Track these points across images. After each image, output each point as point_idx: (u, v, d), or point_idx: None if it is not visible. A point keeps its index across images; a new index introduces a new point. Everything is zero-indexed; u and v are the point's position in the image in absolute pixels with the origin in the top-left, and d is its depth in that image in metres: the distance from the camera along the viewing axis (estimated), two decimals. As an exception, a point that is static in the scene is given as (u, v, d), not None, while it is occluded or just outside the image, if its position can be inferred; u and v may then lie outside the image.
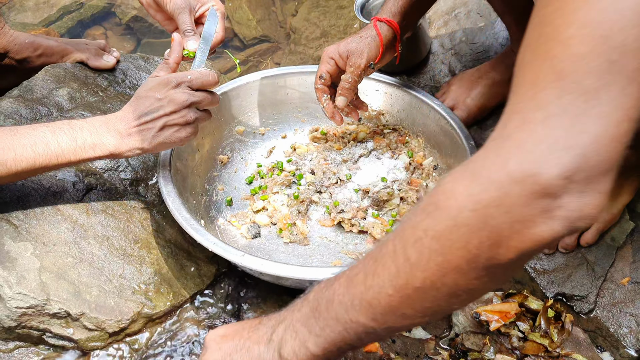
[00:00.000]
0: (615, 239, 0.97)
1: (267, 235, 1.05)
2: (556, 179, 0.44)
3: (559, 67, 0.45)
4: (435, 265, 0.50)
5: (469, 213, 0.47)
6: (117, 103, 1.15)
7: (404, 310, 0.53)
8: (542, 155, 0.44)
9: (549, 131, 0.45)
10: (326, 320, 0.58)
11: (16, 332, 0.87)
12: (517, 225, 0.45)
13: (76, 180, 0.99)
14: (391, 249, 0.53)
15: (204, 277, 0.99)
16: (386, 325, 0.55)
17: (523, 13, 1.02)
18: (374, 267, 0.55)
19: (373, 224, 1.03)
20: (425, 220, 0.51)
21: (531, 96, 0.47)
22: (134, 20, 1.64)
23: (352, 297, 0.56)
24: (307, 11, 1.61)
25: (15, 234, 0.90)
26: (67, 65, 1.21)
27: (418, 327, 0.90)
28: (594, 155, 0.44)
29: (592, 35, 0.44)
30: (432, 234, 0.50)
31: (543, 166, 0.44)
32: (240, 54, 1.54)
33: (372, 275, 0.54)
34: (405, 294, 0.52)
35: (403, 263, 0.52)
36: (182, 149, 1.03)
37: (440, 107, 1.09)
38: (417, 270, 0.51)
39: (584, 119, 0.44)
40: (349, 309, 0.56)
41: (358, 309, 0.55)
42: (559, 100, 0.45)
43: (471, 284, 0.50)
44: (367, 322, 0.55)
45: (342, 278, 0.58)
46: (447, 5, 1.40)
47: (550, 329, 0.85)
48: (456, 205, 0.48)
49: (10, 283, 0.85)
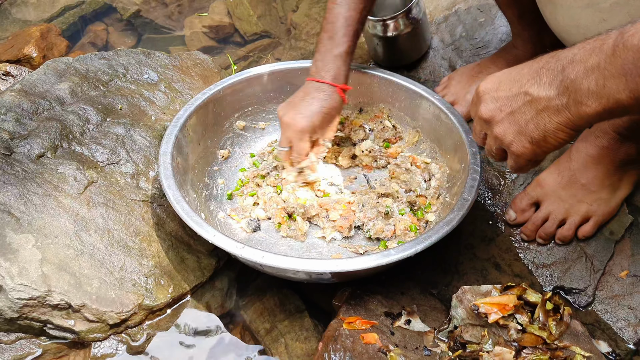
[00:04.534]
0: (614, 232, 0.97)
1: (267, 229, 1.05)
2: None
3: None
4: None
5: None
6: (118, 97, 1.15)
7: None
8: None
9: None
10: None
11: (18, 323, 0.88)
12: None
13: (77, 174, 1.00)
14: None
15: (204, 270, 1.00)
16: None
17: (526, 7, 1.03)
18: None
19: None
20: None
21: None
22: (134, 16, 1.65)
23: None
24: (308, 7, 1.61)
25: (17, 226, 0.90)
26: (69, 59, 1.22)
27: (417, 319, 0.90)
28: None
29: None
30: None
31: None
32: (241, 50, 1.55)
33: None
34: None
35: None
36: (183, 143, 1.04)
37: (441, 102, 1.09)
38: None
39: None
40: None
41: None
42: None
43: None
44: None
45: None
46: (447, 1, 1.40)
47: (548, 322, 0.85)
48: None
49: (12, 274, 0.86)
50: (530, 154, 0.68)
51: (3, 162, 0.96)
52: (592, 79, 0.58)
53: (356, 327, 0.86)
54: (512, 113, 0.67)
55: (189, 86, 1.26)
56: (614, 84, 0.57)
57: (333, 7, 1.02)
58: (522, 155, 0.69)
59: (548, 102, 0.63)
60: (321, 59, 1.03)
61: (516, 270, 0.99)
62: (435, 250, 0.88)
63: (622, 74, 0.56)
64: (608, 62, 0.57)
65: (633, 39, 0.55)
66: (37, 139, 1.01)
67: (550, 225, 0.98)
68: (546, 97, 0.63)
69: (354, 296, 0.92)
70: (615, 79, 0.56)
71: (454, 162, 1.05)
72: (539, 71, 0.65)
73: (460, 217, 0.89)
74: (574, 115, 0.61)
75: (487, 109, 0.70)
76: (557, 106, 0.62)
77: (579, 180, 0.95)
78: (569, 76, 0.60)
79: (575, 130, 0.63)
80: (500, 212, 1.05)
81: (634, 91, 0.55)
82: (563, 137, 0.64)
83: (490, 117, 0.70)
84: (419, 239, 0.87)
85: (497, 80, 0.70)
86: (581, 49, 0.60)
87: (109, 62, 1.24)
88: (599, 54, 0.58)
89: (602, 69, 0.57)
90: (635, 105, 0.57)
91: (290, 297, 0.98)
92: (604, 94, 0.58)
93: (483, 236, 1.04)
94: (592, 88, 0.58)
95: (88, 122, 1.08)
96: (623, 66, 0.55)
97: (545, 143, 0.66)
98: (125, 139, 1.08)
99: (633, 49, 0.54)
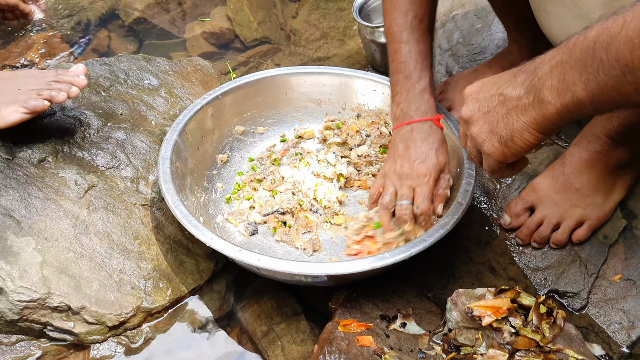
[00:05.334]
0: (608, 236, 0.98)
1: (264, 233, 1.06)
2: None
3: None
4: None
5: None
6: (119, 102, 1.17)
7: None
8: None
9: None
10: (607, 62, 0.54)
11: (18, 325, 0.89)
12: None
13: (78, 178, 1.01)
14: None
15: (202, 273, 1.01)
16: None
17: (522, 14, 1.04)
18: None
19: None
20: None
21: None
22: (136, 22, 1.67)
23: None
24: (308, 13, 1.63)
25: (18, 229, 0.92)
26: (71, 64, 1.23)
27: (412, 322, 0.91)
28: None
29: None
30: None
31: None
32: (241, 55, 1.56)
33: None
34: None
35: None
36: (182, 148, 1.05)
37: (439, 109, 1.10)
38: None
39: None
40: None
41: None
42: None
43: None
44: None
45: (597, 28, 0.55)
46: (444, 7, 1.41)
47: (542, 325, 0.86)
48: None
49: (13, 277, 0.87)
50: (499, 154, 0.69)
51: (5, 167, 0.98)
52: (554, 75, 0.60)
53: (351, 330, 0.88)
54: (487, 113, 0.69)
55: (189, 91, 1.27)
56: (571, 76, 0.58)
57: (400, 48, 0.98)
58: (492, 155, 0.70)
59: (518, 101, 0.64)
60: (404, 101, 0.98)
61: (511, 274, 1.00)
62: (431, 253, 0.89)
63: (578, 66, 0.57)
64: (568, 55, 0.58)
65: (591, 31, 0.56)
66: (39, 143, 1.03)
67: (545, 229, 0.99)
68: (516, 96, 0.65)
69: (350, 299, 0.93)
70: (573, 71, 0.57)
71: (451, 168, 1.05)
72: (516, 73, 0.66)
73: (454, 221, 0.90)
74: (538, 114, 0.62)
75: (467, 109, 0.72)
76: (525, 105, 0.64)
77: (573, 184, 0.96)
78: (537, 74, 0.62)
79: (541, 132, 0.64)
80: (495, 216, 1.06)
81: (587, 82, 0.56)
82: (529, 139, 0.65)
83: (469, 117, 0.72)
84: (413, 243, 0.88)
85: (480, 84, 0.72)
86: (553, 49, 0.62)
87: (110, 68, 1.25)
88: (563, 50, 0.59)
89: (564, 63, 0.58)
90: (588, 102, 0.58)
91: (287, 300, 0.99)
92: (562, 88, 0.59)
93: (479, 240, 1.05)
94: (554, 84, 0.60)
95: (89, 127, 1.10)
96: (579, 58, 0.56)
97: (513, 143, 0.67)
98: (126, 144, 1.10)
99: (589, 39, 0.56)
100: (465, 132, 0.75)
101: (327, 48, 1.50)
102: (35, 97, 0.97)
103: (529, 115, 0.63)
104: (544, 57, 0.63)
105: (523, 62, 0.69)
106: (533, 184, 1.00)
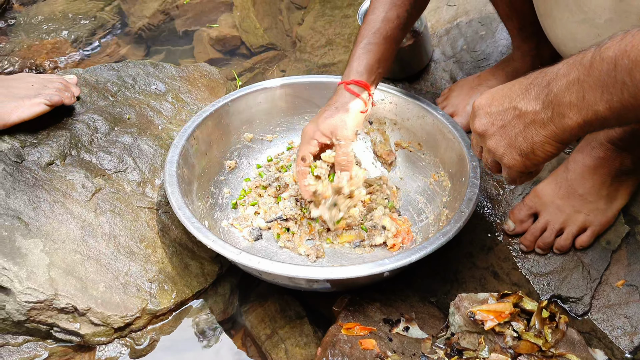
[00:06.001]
0: (611, 242, 0.98)
1: (269, 238, 1.07)
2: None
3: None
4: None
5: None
6: (127, 107, 1.19)
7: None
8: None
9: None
10: (631, 86, 0.55)
11: (25, 326, 0.90)
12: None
13: (85, 181, 1.03)
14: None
15: (207, 276, 1.02)
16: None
17: (527, 19, 1.05)
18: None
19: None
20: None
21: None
22: (144, 29, 1.69)
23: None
24: (313, 20, 1.65)
25: (26, 231, 0.93)
26: (79, 70, 1.25)
27: (415, 326, 0.91)
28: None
29: None
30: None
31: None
32: (247, 61, 1.58)
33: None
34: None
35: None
36: (190, 153, 1.06)
37: (444, 116, 1.10)
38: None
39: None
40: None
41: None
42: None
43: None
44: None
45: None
46: (449, 14, 1.43)
47: (544, 329, 0.86)
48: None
49: (21, 278, 0.88)
50: (520, 165, 0.70)
51: (14, 169, 0.99)
52: (572, 92, 0.61)
53: (354, 333, 0.88)
54: (503, 127, 0.70)
55: (195, 97, 1.29)
56: (592, 95, 0.59)
57: (366, 17, 1.03)
58: (513, 167, 0.71)
59: (535, 116, 0.65)
60: (348, 64, 1.03)
61: (514, 279, 1.00)
62: (434, 258, 0.90)
63: (599, 86, 0.58)
64: (586, 74, 0.59)
65: (608, 51, 0.57)
66: (47, 147, 1.05)
67: (549, 235, 0.99)
68: (533, 111, 0.66)
69: (353, 303, 0.94)
70: (593, 90, 0.59)
71: (455, 176, 1.06)
72: (528, 86, 0.67)
73: (456, 229, 0.91)
74: (558, 128, 0.64)
75: (480, 123, 0.73)
76: (543, 119, 0.65)
77: (576, 190, 0.96)
78: (553, 90, 0.63)
79: (562, 143, 0.66)
80: (499, 221, 1.07)
81: (610, 102, 0.58)
82: (550, 150, 0.67)
83: (484, 131, 0.73)
84: (415, 249, 0.88)
85: (490, 96, 0.73)
86: (565, 64, 0.63)
87: (118, 73, 1.27)
88: (579, 68, 0.60)
89: (582, 82, 0.60)
90: (612, 118, 0.59)
91: (290, 304, 1.00)
92: (583, 106, 0.60)
93: (482, 245, 1.05)
94: (573, 101, 0.61)
95: (97, 131, 1.11)
96: (599, 78, 0.58)
97: (534, 155, 0.68)
98: (133, 148, 1.11)
99: (607, 61, 0.57)
100: (479, 144, 0.76)
101: (333, 55, 1.51)
102: (55, 93, 1.07)
103: (549, 129, 0.65)
104: (556, 72, 0.63)
105: (527, 70, 0.70)
106: (536, 190, 1.00)
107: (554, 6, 0.82)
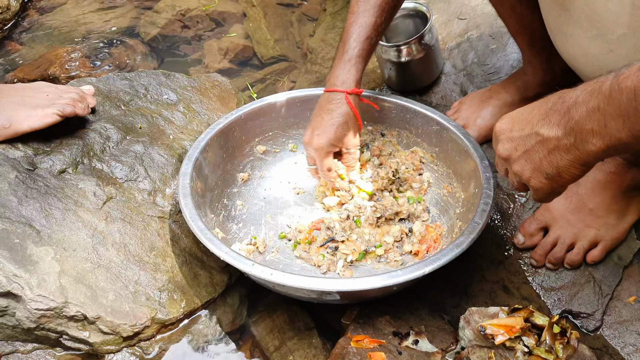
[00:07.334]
0: (622, 257, 0.97)
1: (282, 250, 1.07)
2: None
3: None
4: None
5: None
6: (138, 116, 1.19)
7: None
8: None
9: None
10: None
11: (35, 333, 0.91)
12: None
13: (97, 189, 1.03)
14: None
15: (216, 286, 1.02)
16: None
17: (537, 35, 1.06)
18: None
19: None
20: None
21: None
22: (156, 40, 1.70)
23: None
24: (324, 32, 1.66)
25: (37, 238, 0.94)
26: (92, 79, 1.26)
27: (425, 340, 0.91)
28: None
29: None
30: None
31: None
32: (258, 72, 1.59)
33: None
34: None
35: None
36: (203, 165, 1.07)
37: (457, 127, 1.10)
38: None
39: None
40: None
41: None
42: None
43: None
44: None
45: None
46: (460, 27, 1.43)
47: (555, 345, 0.86)
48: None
49: (31, 285, 0.89)
50: (548, 188, 0.72)
51: (26, 177, 1.00)
52: (594, 120, 0.62)
53: (364, 346, 0.88)
54: (527, 152, 0.71)
55: (206, 107, 1.30)
56: (614, 124, 0.60)
57: (349, 18, 1.05)
58: (541, 189, 0.72)
59: (558, 142, 0.67)
60: (334, 67, 1.06)
61: (524, 293, 1.00)
62: (444, 271, 0.89)
63: (620, 115, 0.59)
64: (606, 103, 0.60)
65: (627, 81, 0.58)
66: (60, 155, 1.05)
67: (559, 250, 0.98)
68: (555, 137, 0.67)
69: (363, 315, 0.93)
70: (615, 119, 0.60)
71: (469, 188, 1.06)
72: (547, 112, 0.68)
73: (470, 241, 0.90)
74: (582, 153, 0.65)
75: (504, 148, 0.74)
76: (566, 145, 0.66)
77: (587, 205, 0.96)
78: (574, 117, 0.64)
79: (586, 165, 0.67)
80: (509, 235, 1.07)
81: (632, 130, 0.59)
82: (576, 172, 0.68)
83: (508, 156, 0.74)
84: (427, 261, 0.88)
85: (510, 121, 0.74)
86: (583, 91, 0.64)
87: (130, 83, 1.28)
88: (598, 96, 0.61)
89: (602, 111, 0.61)
90: (635, 143, 0.60)
91: (299, 315, 1.00)
92: (606, 133, 0.61)
93: (492, 259, 1.05)
94: (595, 128, 0.62)
95: (108, 139, 1.12)
96: (620, 107, 0.59)
97: (561, 178, 0.69)
98: (144, 157, 1.12)
99: (627, 91, 0.58)
100: (504, 166, 0.77)
101: (343, 66, 1.52)
102: (69, 104, 1.07)
103: (574, 154, 0.66)
104: (575, 98, 0.64)
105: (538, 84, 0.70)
106: (547, 204, 1.00)
107: (564, 22, 0.82)
